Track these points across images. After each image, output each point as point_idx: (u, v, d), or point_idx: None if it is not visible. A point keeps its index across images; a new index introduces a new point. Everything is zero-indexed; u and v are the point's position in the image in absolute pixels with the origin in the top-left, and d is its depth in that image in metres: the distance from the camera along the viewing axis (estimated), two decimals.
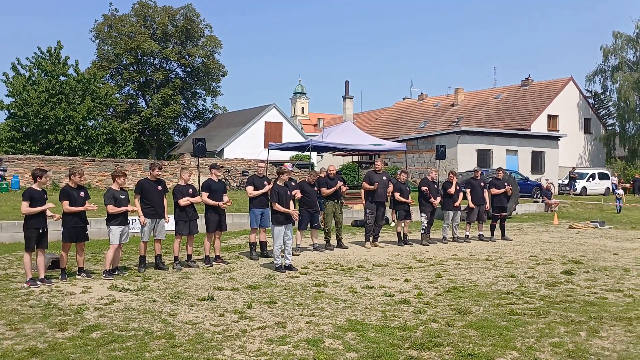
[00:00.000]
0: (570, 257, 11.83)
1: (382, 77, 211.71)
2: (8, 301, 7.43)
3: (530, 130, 39.17)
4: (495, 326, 6.39)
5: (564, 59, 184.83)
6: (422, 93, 57.00)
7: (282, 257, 10.07)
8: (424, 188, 13.84)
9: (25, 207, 8.39)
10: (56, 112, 32.50)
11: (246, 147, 40.96)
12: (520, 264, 10.93)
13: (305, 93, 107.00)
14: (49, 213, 8.63)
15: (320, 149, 27.21)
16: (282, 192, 10.07)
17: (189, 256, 10.36)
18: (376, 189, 12.93)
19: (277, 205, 9.89)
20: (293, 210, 10.25)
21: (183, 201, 10.08)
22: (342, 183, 12.96)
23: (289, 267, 9.98)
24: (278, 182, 10.29)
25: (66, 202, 8.81)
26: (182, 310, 7.10)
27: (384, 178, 13.31)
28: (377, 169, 13.33)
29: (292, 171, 12.23)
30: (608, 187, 35.27)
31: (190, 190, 10.29)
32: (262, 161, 13.95)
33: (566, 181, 34.91)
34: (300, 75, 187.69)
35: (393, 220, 17.12)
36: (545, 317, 6.81)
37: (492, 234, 14.82)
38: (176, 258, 10.16)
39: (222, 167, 10.32)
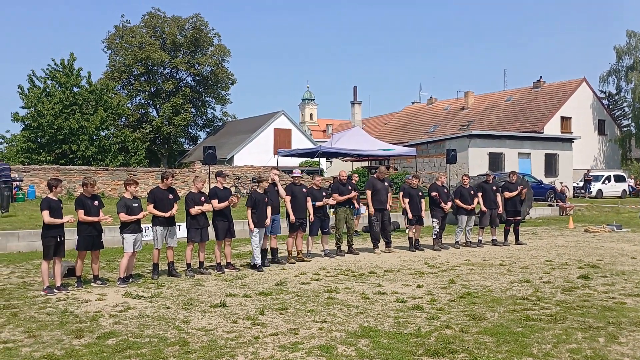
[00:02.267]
0: (586, 261, 11.71)
1: (390, 82, 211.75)
2: (26, 309, 7.51)
3: (542, 132, 38.92)
4: (511, 332, 6.33)
5: (576, 60, 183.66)
6: (431, 97, 56.87)
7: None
8: (433, 194, 13.80)
9: (46, 216, 8.53)
10: (70, 122, 32.85)
11: (256, 154, 41.09)
12: (535, 268, 10.84)
13: (313, 99, 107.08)
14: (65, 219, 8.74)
15: (330, 155, 27.24)
16: (260, 199, 10.75)
17: (200, 263, 10.41)
18: (378, 195, 12.93)
19: (250, 211, 10.64)
20: (268, 219, 10.85)
21: (194, 210, 10.15)
22: (356, 193, 12.92)
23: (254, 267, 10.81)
24: (257, 189, 10.95)
25: (81, 212, 8.93)
26: (195, 316, 7.12)
27: (385, 184, 13.32)
28: (380, 176, 13.32)
29: (303, 177, 12.24)
30: (624, 190, 34.90)
31: (202, 198, 10.35)
32: (275, 168, 13.98)
33: (581, 184, 34.58)
34: (309, 81, 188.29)
35: (407, 227, 17.04)
36: (562, 323, 6.74)
37: (505, 239, 14.72)
38: (188, 265, 10.20)
39: (227, 174, 10.44)
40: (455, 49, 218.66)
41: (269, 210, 10.92)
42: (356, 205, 12.93)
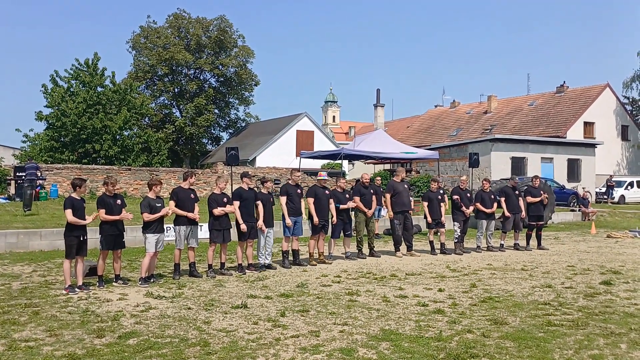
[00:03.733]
0: (609, 267, 11.55)
1: (413, 85, 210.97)
2: (47, 308, 7.61)
3: (565, 137, 38.46)
4: (533, 337, 6.27)
5: (600, 65, 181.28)
6: (454, 100, 56.56)
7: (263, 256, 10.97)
8: (455, 197, 13.72)
9: (70, 215, 8.60)
10: (93, 122, 33.22)
11: (278, 155, 41.21)
12: (557, 274, 10.71)
13: (336, 101, 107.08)
14: (88, 219, 8.83)
15: (352, 158, 27.24)
16: (265, 199, 10.93)
17: (222, 264, 10.44)
18: (399, 197, 12.88)
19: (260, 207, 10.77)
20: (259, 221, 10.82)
21: (217, 211, 10.19)
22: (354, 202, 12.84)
23: (269, 266, 10.97)
24: (262, 190, 11.09)
25: (103, 211, 9.01)
26: (216, 317, 7.16)
27: (405, 186, 13.27)
28: (398, 179, 13.27)
29: (327, 180, 12.24)
30: None
31: (225, 199, 10.39)
32: (298, 170, 14.01)
33: (604, 189, 34.13)
34: (332, 83, 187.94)
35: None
36: (584, 329, 6.66)
37: (527, 243, 14.57)
38: (210, 266, 10.26)
39: (253, 175, 10.48)
40: (478, 53, 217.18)
41: (258, 213, 10.86)
42: (373, 205, 12.82)
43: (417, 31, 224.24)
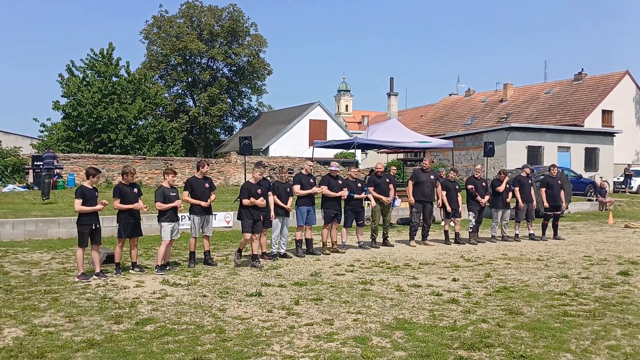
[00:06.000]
0: (626, 257, 11.44)
1: (427, 73, 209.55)
2: (66, 294, 7.71)
3: (583, 126, 38.03)
4: (548, 327, 6.24)
5: (619, 52, 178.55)
6: (469, 89, 56.02)
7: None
8: (470, 186, 13.66)
9: (78, 204, 8.67)
10: (109, 111, 33.47)
11: (291, 145, 41.25)
12: (574, 264, 10.64)
13: (349, 90, 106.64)
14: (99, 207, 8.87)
15: (365, 147, 27.11)
16: (282, 188, 10.89)
17: (254, 256, 10.11)
18: (421, 187, 12.85)
19: (275, 199, 10.73)
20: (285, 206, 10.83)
21: (246, 201, 10.01)
22: (391, 199, 12.84)
23: (284, 255, 11.03)
24: (280, 180, 11.07)
25: (117, 200, 9.09)
26: (231, 305, 7.21)
27: (432, 177, 13.18)
28: (425, 168, 13.21)
29: (338, 170, 12.22)
30: None
31: (259, 190, 10.13)
32: (310, 159, 14.00)
33: (622, 179, 33.73)
34: (345, 72, 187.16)
35: (442, 220, 16.93)
36: (601, 319, 6.62)
37: (543, 233, 14.47)
38: (239, 250, 10.20)
39: (266, 165, 10.36)
40: (494, 40, 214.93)
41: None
42: (388, 198, 12.78)
43: (431, 18, 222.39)
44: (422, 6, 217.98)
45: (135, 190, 9.35)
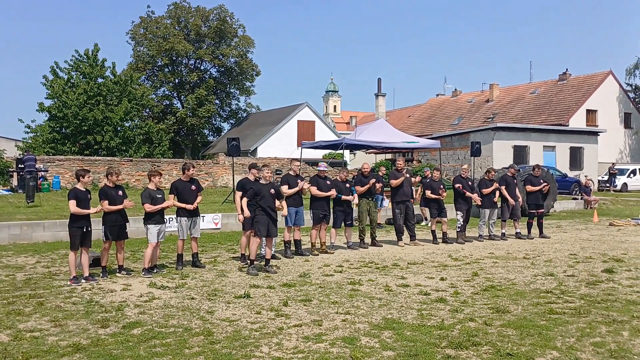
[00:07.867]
0: (611, 255, 11.56)
1: (414, 74, 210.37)
2: (52, 298, 7.64)
3: (568, 125, 38.38)
4: (535, 325, 6.29)
5: (602, 52, 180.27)
6: (455, 89, 56.47)
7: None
8: (457, 185, 13.74)
9: (73, 206, 8.61)
10: (94, 113, 33.16)
11: (279, 145, 41.17)
12: (560, 262, 10.73)
13: (337, 91, 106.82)
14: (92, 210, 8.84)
15: (353, 147, 27.20)
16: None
17: (267, 260, 9.85)
18: (400, 187, 12.91)
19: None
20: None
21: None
22: (375, 180, 12.88)
23: (273, 256, 10.64)
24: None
25: (106, 202, 9.03)
26: (219, 307, 7.19)
27: (407, 176, 13.29)
28: (399, 167, 13.29)
29: (326, 170, 12.23)
30: None
31: (273, 191, 9.90)
32: (297, 160, 14.00)
33: (606, 177, 34.07)
34: (332, 73, 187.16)
35: (425, 218, 17.02)
36: (586, 317, 6.68)
37: (529, 232, 14.59)
38: (252, 262, 9.60)
39: (263, 166, 10.15)
40: (480, 41, 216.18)
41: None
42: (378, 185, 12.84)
43: (418, 19, 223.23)
44: (410, 6, 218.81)
45: (120, 192, 9.28)
